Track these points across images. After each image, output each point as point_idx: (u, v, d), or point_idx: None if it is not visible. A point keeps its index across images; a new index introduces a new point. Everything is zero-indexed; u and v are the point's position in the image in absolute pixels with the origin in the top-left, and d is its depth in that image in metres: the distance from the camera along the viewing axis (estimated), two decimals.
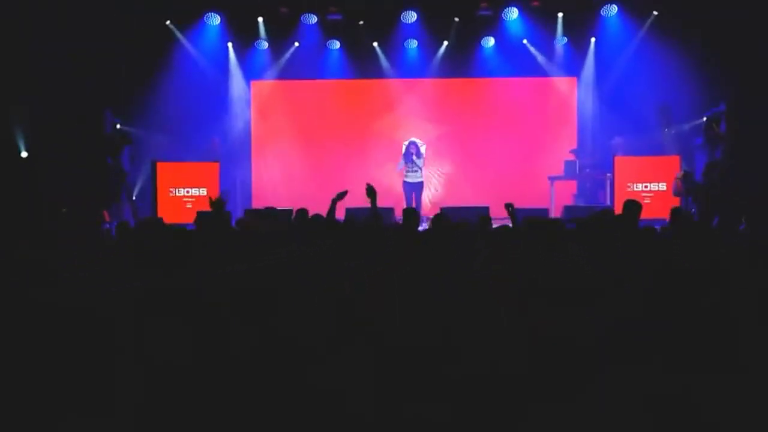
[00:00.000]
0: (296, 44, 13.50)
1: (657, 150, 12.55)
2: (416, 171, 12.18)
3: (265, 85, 14.05)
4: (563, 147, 13.25)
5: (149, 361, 2.54)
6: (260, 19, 13.25)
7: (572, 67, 13.50)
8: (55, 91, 10.81)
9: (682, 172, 10.50)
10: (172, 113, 12.61)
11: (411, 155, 12.16)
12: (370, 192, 6.84)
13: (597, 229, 5.05)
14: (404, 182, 12.28)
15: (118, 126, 12.47)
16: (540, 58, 13.43)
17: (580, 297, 2.99)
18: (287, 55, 13.61)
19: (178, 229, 4.73)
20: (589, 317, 2.73)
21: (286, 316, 2.94)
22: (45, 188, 10.47)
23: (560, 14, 13.04)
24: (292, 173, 13.79)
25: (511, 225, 6.66)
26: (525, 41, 13.34)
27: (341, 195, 7.22)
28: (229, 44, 13.44)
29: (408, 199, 12.06)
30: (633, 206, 6.80)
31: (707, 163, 10.43)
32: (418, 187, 12.23)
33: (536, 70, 13.54)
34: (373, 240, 4.75)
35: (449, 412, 2.29)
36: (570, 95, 13.78)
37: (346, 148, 13.87)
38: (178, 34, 13.08)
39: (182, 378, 2.45)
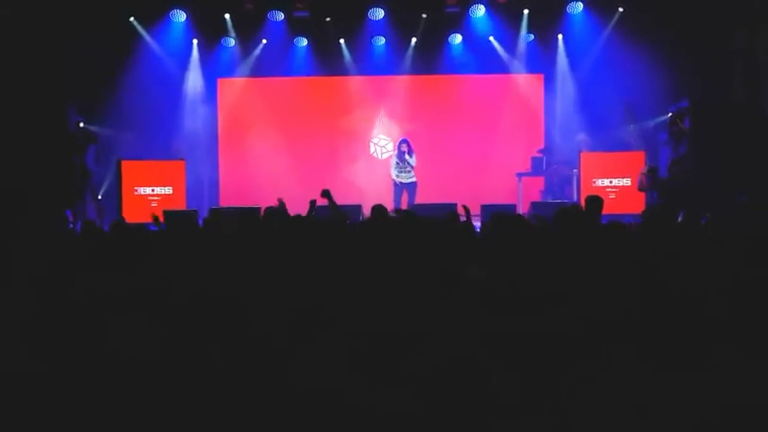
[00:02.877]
0: (264, 41, 13.40)
1: (622, 146, 12.68)
2: (409, 171, 11.92)
3: (232, 82, 13.94)
4: (531, 143, 13.31)
5: (127, 361, 2.51)
6: (227, 16, 13.13)
7: (539, 64, 13.54)
8: (17, 88, 10.63)
9: (647, 168, 10.60)
10: (137, 111, 12.47)
11: (403, 153, 11.91)
12: (326, 194, 7.31)
13: (563, 225, 5.08)
14: (394, 183, 12.00)
15: (82, 124, 12.29)
16: (506, 55, 13.47)
17: (552, 297, 3.00)
18: (254, 52, 13.50)
19: (141, 229, 4.67)
20: (563, 316, 2.74)
21: (255, 314, 2.92)
22: (8, 188, 10.29)
23: (526, 11, 13.08)
24: (260, 171, 13.67)
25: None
26: (491, 38, 13.36)
27: (314, 203, 7.48)
28: (194, 41, 13.29)
29: (397, 199, 11.81)
30: (594, 202, 6.88)
31: (672, 159, 10.56)
32: (412, 186, 11.90)
33: (503, 67, 13.58)
34: (337, 236, 4.74)
35: (415, 405, 2.28)
36: (537, 92, 13.83)
37: (314, 146, 13.81)
38: (143, 31, 12.90)
39: (156, 379, 2.42)
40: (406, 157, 11.87)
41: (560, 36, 13.27)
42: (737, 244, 3.95)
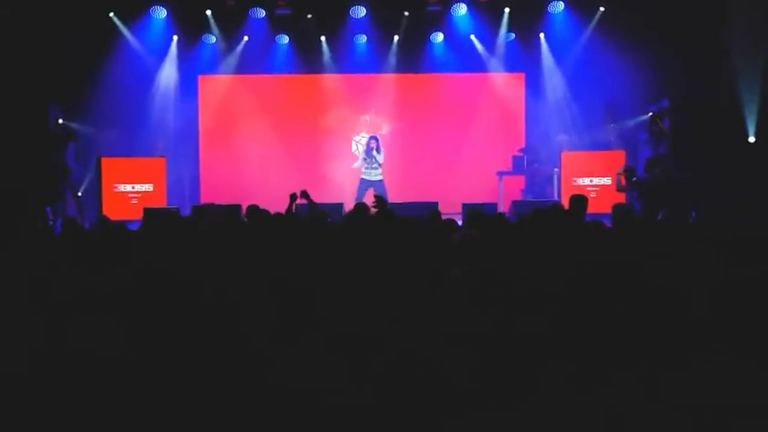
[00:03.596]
0: (246, 38, 13.34)
1: (602, 146, 12.76)
2: (376, 168, 11.92)
3: (213, 79, 13.88)
4: (512, 142, 13.35)
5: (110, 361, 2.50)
6: (209, 12, 13.06)
7: (520, 63, 13.59)
8: None
9: (623, 167, 10.60)
10: (117, 108, 12.39)
11: (371, 150, 11.92)
12: (304, 194, 7.40)
13: (546, 224, 5.11)
14: (361, 179, 12.01)
15: (61, 121, 12.19)
16: (488, 54, 13.51)
17: (529, 295, 3.02)
18: (236, 49, 13.45)
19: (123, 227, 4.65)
20: (537, 316, 2.76)
21: (237, 312, 2.92)
22: None
23: (507, 10, 13.11)
24: (241, 168, 13.63)
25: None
26: (472, 37, 13.40)
27: (294, 197, 7.49)
28: (175, 37, 13.20)
29: (360, 196, 11.78)
30: (578, 201, 6.92)
31: (647, 158, 10.60)
32: (378, 185, 11.85)
33: (484, 66, 13.62)
34: (319, 234, 4.75)
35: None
36: (518, 91, 13.88)
37: (295, 143, 13.79)
38: (123, 27, 12.80)
39: (137, 378, 2.42)
40: (374, 153, 11.88)
41: (542, 35, 13.32)
42: (725, 244, 3.99)
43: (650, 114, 12.30)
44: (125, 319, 2.78)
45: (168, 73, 13.31)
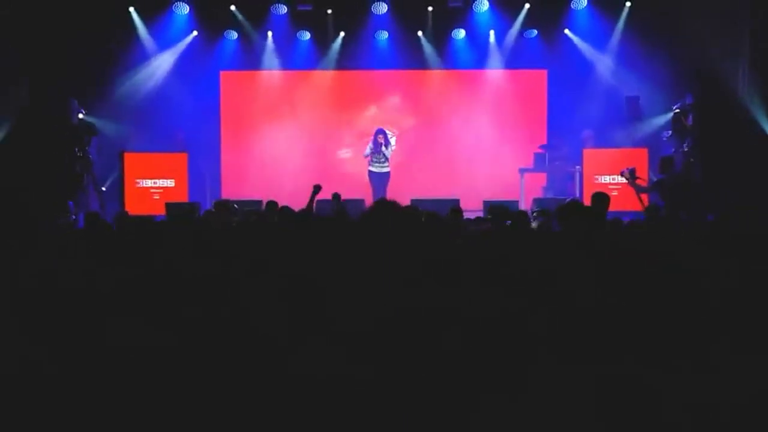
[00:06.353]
0: (270, 33, 13.39)
1: (626, 143, 12.66)
2: (383, 161, 11.99)
3: (235, 75, 13.93)
4: (533, 139, 13.27)
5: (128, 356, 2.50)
6: (233, 7, 13.11)
7: (542, 60, 13.52)
8: (19, 81, 10.67)
9: (627, 171, 9.67)
10: (139, 104, 12.50)
11: (380, 145, 11.92)
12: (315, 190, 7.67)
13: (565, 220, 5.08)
14: (369, 172, 12.06)
15: (81, 116, 12.27)
16: (510, 50, 13.46)
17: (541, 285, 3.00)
18: (258, 45, 13.50)
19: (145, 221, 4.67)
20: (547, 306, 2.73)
21: (255, 307, 2.91)
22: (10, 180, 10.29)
23: (527, 5, 13.07)
24: (261, 164, 13.69)
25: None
26: (491, 32, 13.37)
27: (317, 189, 7.53)
28: (194, 32, 13.22)
29: (375, 190, 11.90)
30: (601, 198, 6.92)
31: (661, 157, 10.37)
32: (385, 177, 11.99)
33: (507, 63, 13.58)
34: (341, 230, 4.73)
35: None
36: (540, 87, 13.82)
37: (316, 139, 13.82)
38: (140, 23, 12.86)
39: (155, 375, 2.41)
40: (383, 149, 11.92)
41: (567, 31, 13.23)
42: (742, 245, 3.94)
43: (675, 111, 12.16)
44: (144, 318, 2.78)
45: (163, 60, 13.23)
